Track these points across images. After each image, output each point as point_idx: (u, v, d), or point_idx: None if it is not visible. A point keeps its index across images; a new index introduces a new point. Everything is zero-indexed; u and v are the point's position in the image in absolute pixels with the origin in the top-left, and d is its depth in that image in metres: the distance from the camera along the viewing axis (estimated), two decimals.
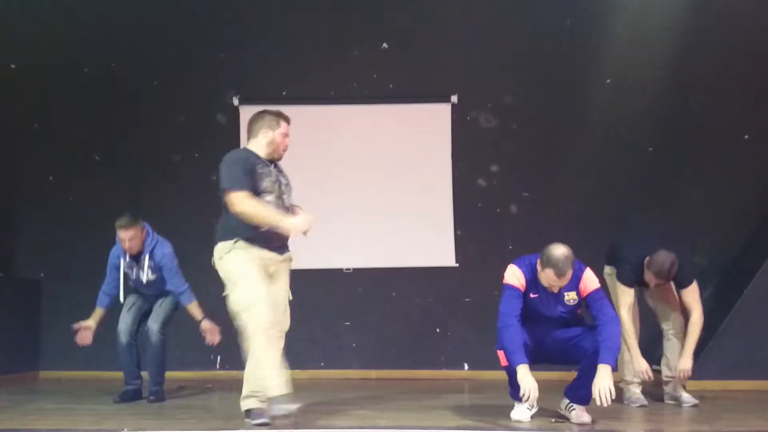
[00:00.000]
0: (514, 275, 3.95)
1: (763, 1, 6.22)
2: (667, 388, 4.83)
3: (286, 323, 4.03)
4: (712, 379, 5.50)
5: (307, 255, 6.41)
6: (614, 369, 3.79)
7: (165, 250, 4.93)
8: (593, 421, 3.92)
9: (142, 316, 5.06)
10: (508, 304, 3.90)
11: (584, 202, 6.42)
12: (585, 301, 3.94)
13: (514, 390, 4.02)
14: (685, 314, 4.71)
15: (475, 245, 6.47)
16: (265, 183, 3.97)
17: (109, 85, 6.76)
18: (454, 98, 6.65)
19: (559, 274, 3.77)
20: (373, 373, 6.44)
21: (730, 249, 6.29)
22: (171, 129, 6.69)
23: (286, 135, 4.04)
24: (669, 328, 4.81)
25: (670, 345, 4.80)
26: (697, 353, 5.56)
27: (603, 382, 3.67)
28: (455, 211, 6.58)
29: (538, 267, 3.87)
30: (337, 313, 6.57)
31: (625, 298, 4.61)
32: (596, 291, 3.90)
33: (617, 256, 4.78)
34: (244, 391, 3.80)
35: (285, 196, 4.03)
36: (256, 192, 3.90)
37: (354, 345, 6.55)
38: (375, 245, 6.58)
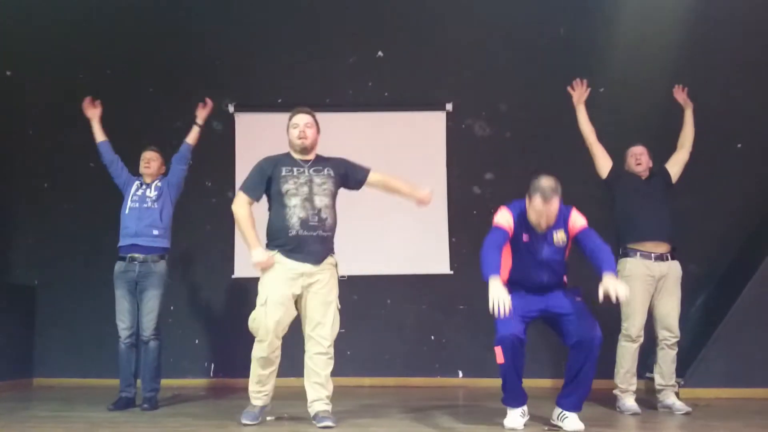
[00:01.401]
0: (502, 216, 4.02)
1: (756, 11, 6.26)
2: (660, 396, 4.85)
3: (321, 336, 4.12)
4: (704, 387, 5.52)
5: None
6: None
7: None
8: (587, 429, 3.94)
9: (139, 318, 5.05)
10: (491, 237, 3.95)
11: (578, 209, 6.42)
12: (576, 239, 4.02)
13: (507, 396, 4.04)
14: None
15: (469, 253, 6.47)
16: (288, 185, 4.06)
17: (103, 91, 6.74)
18: (449, 106, 6.68)
19: (545, 199, 3.87)
20: (368, 381, 6.45)
21: (722, 258, 6.32)
22: (166, 136, 6.68)
23: (295, 126, 4.17)
24: (664, 338, 4.82)
25: (665, 354, 4.83)
26: (689, 361, 5.62)
27: (611, 282, 3.69)
28: (450, 218, 6.60)
29: (527, 202, 3.96)
30: None
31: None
32: (585, 228, 4.01)
33: None
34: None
35: (317, 197, 4.07)
36: (280, 194, 4.04)
37: (348, 352, 6.54)
38: (370, 252, 6.59)
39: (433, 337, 6.56)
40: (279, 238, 4.07)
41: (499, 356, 3.97)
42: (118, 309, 5.01)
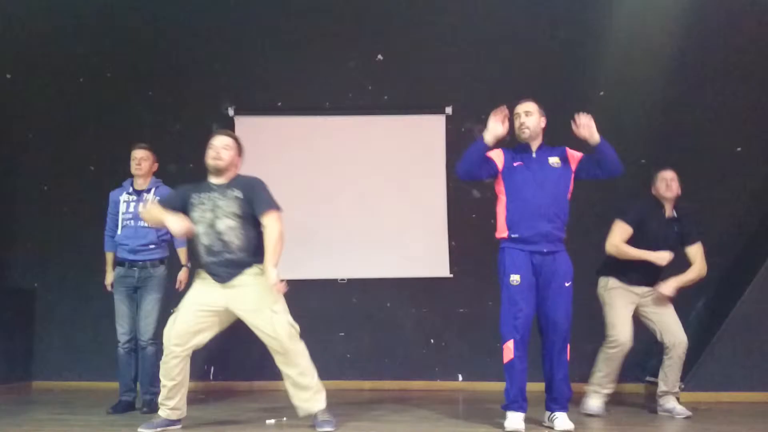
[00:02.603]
0: (494, 153, 4.23)
1: (755, 17, 6.27)
2: (661, 401, 4.85)
3: (269, 338, 4.07)
4: (705, 390, 5.52)
5: (301, 266, 6.45)
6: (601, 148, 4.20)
7: (168, 190, 5.05)
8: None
9: (138, 323, 5.04)
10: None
11: (577, 213, 6.42)
12: (580, 162, 4.22)
13: (508, 397, 4.07)
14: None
15: (469, 256, 6.48)
16: (195, 213, 4.12)
17: (104, 94, 6.78)
18: (449, 110, 6.68)
19: (521, 100, 4.31)
20: (367, 384, 6.44)
21: (722, 261, 6.30)
22: (166, 139, 6.70)
23: (211, 147, 4.23)
24: (671, 345, 4.78)
25: (671, 363, 4.80)
26: (690, 365, 5.61)
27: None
28: (449, 221, 6.59)
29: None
30: (332, 324, 6.57)
31: (622, 233, 4.78)
32: (582, 157, 4.24)
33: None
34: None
35: (219, 221, 4.06)
36: (194, 222, 4.10)
37: (348, 356, 6.55)
38: (370, 256, 6.59)
39: (432, 341, 6.55)
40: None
41: (507, 354, 4.01)
42: (117, 314, 5.02)
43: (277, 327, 4.03)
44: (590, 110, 6.24)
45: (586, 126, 4.20)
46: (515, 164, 4.18)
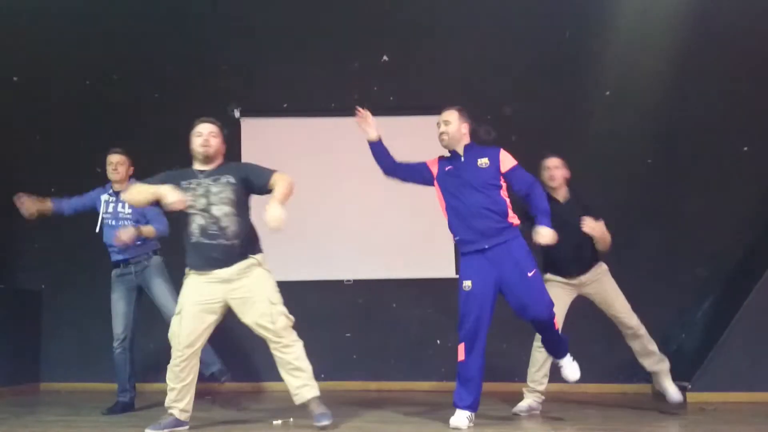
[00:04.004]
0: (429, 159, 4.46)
1: (762, 15, 6.25)
2: (654, 380, 4.92)
3: (267, 331, 4.08)
4: (713, 391, 5.49)
5: (307, 267, 6.46)
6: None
7: None
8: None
9: (135, 318, 5.06)
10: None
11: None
12: (506, 177, 4.26)
13: (459, 390, 4.16)
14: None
15: None
16: (186, 197, 4.06)
17: (110, 97, 6.80)
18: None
19: (443, 109, 4.46)
20: (374, 385, 6.44)
21: (729, 260, 6.30)
22: (172, 141, 6.70)
23: (198, 135, 4.20)
24: (623, 327, 4.82)
25: (632, 341, 4.84)
26: (697, 365, 5.60)
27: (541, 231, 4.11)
28: None
29: None
30: (338, 325, 6.57)
31: None
32: (515, 166, 4.29)
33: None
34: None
35: (214, 207, 4.05)
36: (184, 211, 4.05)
37: (354, 356, 6.55)
38: (375, 257, 6.59)
39: (438, 341, 6.54)
40: (187, 251, 4.12)
41: (461, 354, 4.14)
42: (113, 312, 5.05)
43: (275, 318, 4.06)
44: (596, 109, 6.29)
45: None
46: (447, 169, 4.37)
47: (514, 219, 4.21)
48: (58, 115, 6.85)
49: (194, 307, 4.05)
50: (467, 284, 4.21)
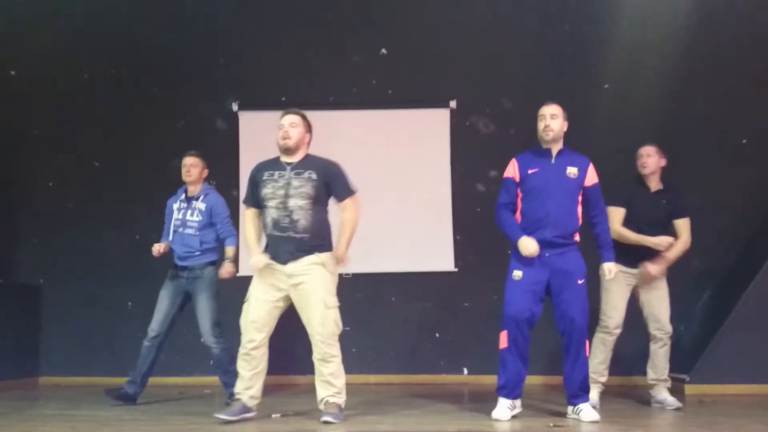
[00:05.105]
0: (510, 166, 4.33)
1: (761, 9, 6.24)
2: (653, 392, 4.88)
3: (312, 335, 4.17)
4: (711, 383, 5.52)
5: None
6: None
7: (219, 198, 5.16)
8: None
9: (173, 319, 5.06)
10: (502, 195, 4.33)
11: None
12: (586, 192, 4.23)
13: (501, 384, 4.20)
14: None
15: (474, 250, 6.49)
16: (266, 189, 4.16)
17: (108, 91, 6.79)
18: (453, 103, 6.67)
19: (547, 102, 4.33)
20: (373, 378, 6.45)
21: (727, 254, 6.30)
22: (170, 135, 6.71)
23: (280, 127, 4.29)
24: (657, 330, 4.84)
25: (657, 349, 4.86)
26: (696, 358, 5.61)
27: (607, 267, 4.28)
28: (454, 216, 6.59)
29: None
30: None
31: (618, 216, 4.79)
32: (596, 184, 4.26)
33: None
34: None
35: (291, 200, 4.09)
36: (263, 199, 4.16)
37: (353, 350, 6.54)
38: (374, 250, 6.57)
39: (437, 335, 6.55)
40: (264, 239, 4.24)
41: (503, 341, 4.13)
42: (156, 307, 5.06)
43: (326, 321, 4.12)
44: (595, 103, 6.28)
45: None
46: (530, 171, 4.24)
47: (577, 237, 4.23)
48: (56, 110, 6.84)
49: (261, 296, 4.13)
50: (518, 274, 4.21)
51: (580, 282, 4.15)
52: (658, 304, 4.86)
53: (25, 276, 6.77)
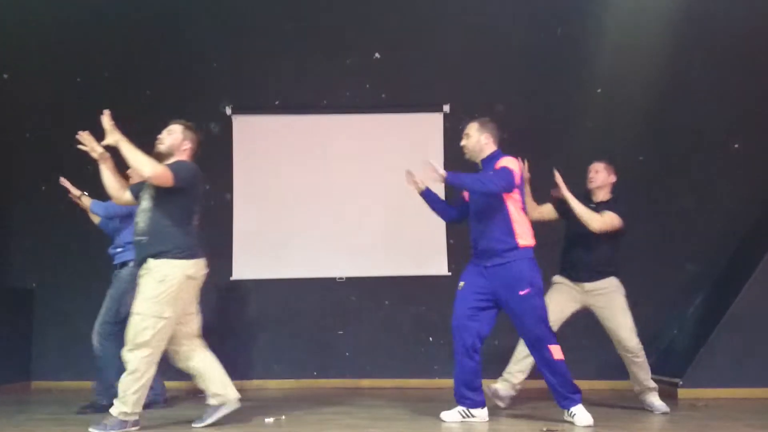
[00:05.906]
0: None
1: (753, 12, 6.27)
2: (641, 398, 4.89)
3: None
4: (703, 387, 5.53)
5: (299, 264, 6.45)
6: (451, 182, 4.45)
7: None
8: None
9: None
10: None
11: None
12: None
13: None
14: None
15: (467, 254, 6.45)
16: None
17: (101, 94, 6.76)
18: (447, 107, 6.68)
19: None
20: (366, 382, 6.44)
21: (721, 257, 6.32)
22: None
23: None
24: (621, 350, 4.77)
25: (630, 365, 4.80)
26: (688, 361, 5.61)
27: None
28: None
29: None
30: (330, 322, 6.57)
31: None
32: (499, 168, 4.35)
33: None
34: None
35: (143, 202, 4.29)
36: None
37: (347, 354, 6.55)
38: (368, 254, 6.59)
39: (431, 339, 6.55)
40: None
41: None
42: None
43: (131, 328, 4.07)
44: (587, 106, 6.29)
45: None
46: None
47: (522, 239, 4.22)
48: (49, 112, 6.82)
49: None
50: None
51: (521, 293, 4.14)
52: (612, 318, 4.74)
53: (18, 279, 6.74)
